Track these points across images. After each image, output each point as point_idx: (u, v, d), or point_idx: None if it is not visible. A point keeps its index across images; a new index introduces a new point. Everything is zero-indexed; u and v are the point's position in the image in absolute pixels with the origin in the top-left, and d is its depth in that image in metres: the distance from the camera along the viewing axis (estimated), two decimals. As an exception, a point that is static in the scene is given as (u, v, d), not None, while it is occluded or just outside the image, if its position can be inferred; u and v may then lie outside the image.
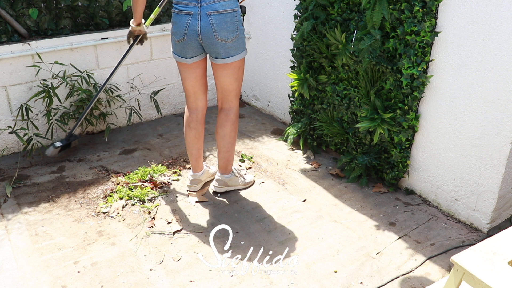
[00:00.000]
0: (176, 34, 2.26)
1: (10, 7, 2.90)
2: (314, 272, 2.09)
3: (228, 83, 2.39)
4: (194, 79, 2.40)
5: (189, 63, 2.34)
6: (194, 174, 2.65)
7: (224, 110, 2.48)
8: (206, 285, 2.01)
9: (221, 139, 2.52)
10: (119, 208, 2.50)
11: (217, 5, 2.16)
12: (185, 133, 2.54)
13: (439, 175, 2.51)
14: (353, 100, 2.77)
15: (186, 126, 2.52)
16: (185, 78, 2.42)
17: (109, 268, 2.10)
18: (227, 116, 2.47)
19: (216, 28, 2.18)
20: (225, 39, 2.22)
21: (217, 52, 2.26)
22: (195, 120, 2.50)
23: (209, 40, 2.21)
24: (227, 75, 2.36)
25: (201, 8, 2.16)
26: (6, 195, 2.62)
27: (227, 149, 2.54)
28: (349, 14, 2.65)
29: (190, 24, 2.19)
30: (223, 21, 2.18)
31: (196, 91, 2.44)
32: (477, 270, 1.42)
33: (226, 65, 2.32)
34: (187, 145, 2.57)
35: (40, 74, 3.01)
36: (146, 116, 3.64)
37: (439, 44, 2.29)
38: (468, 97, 2.25)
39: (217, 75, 2.39)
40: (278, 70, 3.54)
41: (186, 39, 2.24)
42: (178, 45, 2.29)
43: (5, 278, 2.02)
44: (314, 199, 2.64)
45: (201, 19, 2.17)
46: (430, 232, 2.37)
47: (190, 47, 2.27)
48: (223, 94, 2.44)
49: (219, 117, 2.50)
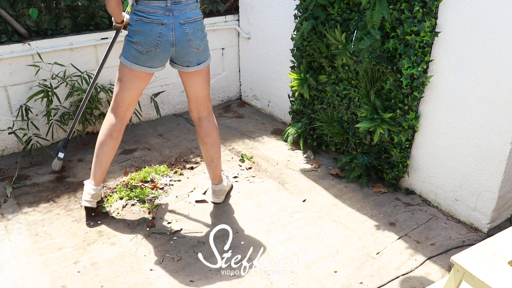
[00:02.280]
0: (144, 44, 2.10)
1: (10, 7, 2.90)
2: (314, 272, 2.09)
3: (202, 89, 2.33)
4: (138, 91, 2.28)
5: (151, 72, 2.21)
6: (96, 188, 2.40)
7: (204, 118, 2.39)
8: (206, 285, 2.01)
9: (211, 147, 2.42)
10: (119, 208, 2.50)
11: (189, 13, 2.10)
12: (102, 142, 2.32)
13: (439, 175, 2.51)
14: (353, 100, 2.77)
15: (107, 135, 2.30)
16: (128, 89, 2.24)
17: (109, 268, 2.10)
18: (210, 122, 2.40)
19: (190, 37, 2.12)
20: (198, 47, 2.17)
21: (189, 61, 2.20)
22: (119, 129, 2.31)
23: (184, 50, 2.14)
24: (199, 83, 2.29)
25: (173, 17, 2.07)
26: (6, 195, 2.62)
27: (218, 155, 2.47)
28: (349, 14, 2.65)
29: (164, 34, 2.08)
30: (196, 29, 2.13)
31: (132, 102, 2.29)
32: (477, 270, 1.42)
33: (197, 73, 2.26)
34: (100, 155, 2.34)
35: (40, 74, 3.01)
36: (146, 116, 3.64)
37: (439, 44, 2.29)
38: (468, 97, 2.25)
39: (189, 84, 2.30)
40: (278, 70, 3.54)
41: (158, 50, 2.11)
42: (143, 55, 2.13)
43: (5, 278, 2.02)
44: (314, 199, 2.64)
45: (175, 29, 2.09)
46: (430, 232, 2.37)
47: (161, 58, 2.16)
48: (198, 103, 2.35)
49: (202, 126, 2.39)
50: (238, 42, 3.93)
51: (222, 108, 3.96)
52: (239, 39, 3.91)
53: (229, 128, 3.56)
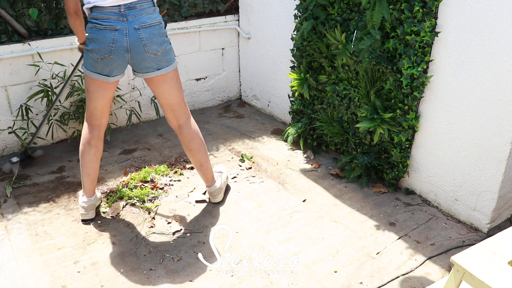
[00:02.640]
0: (99, 51, 2.06)
1: (10, 7, 2.90)
2: (314, 272, 2.09)
3: (173, 96, 2.26)
4: (107, 99, 2.23)
5: (111, 81, 2.16)
6: (89, 200, 2.38)
7: (184, 125, 2.34)
8: (206, 285, 2.01)
9: (197, 152, 2.39)
10: (119, 208, 2.50)
11: (144, 18, 2.05)
12: (82, 152, 2.30)
13: (439, 175, 2.51)
14: (353, 100, 2.77)
15: (86, 144, 2.29)
16: (96, 98, 2.21)
17: (109, 268, 2.10)
18: (190, 128, 2.35)
19: (146, 43, 2.06)
20: (155, 52, 2.10)
21: (147, 67, 2.13)
22: (97, 137, 2.29)
23: (140, 56, 2.09)
24: (168, 89, 2.23)
25: (127, 22, 2.02)
26: (6, 195, 2.62)
27: (206, 159, 2.44)
28: (349, 14, 2.65)
29: (117, 40, 2.03)
30: (152, 34, 2.07)
31: (104, 110, 2.26)
32: (477, 270, 1.42)
33: (162, 79, 2.19)
34: (85, 165, 2.32)
35: (40, 74, 3.01)
36: (146, 116, 3.64)
37: (439, 44, 2.29)
38: (468, 97, 2.25)
39: (158, 91, 2.25)
40: (278, 70, 3.54)
41: (113, 57, 2.06)
42: (100, 63, 2.09)
43: (5, 278, 2.02)
44: (314, 199, 2.64)
45: (130, 34, 2.03)
46: (430, 232, 2.37)
47: (117, 64, 2.10)
48: (174, 110, 2.30)
49: (183, 134, 2.35)
50: (238, 42, 3.93)
51: (222, 108, 3.96)
52: (239, 39, 3.91)
53: (229, 128, 3.56)
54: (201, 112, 3.87)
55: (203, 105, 3.96)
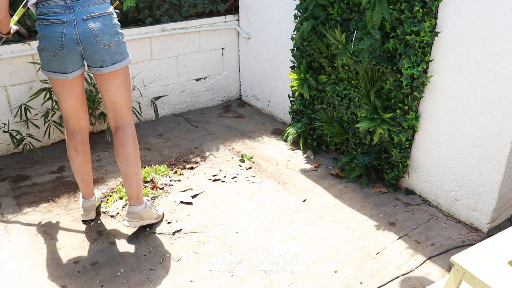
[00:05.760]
0: (50, 48, 1.98)
1: (10, 7, 2.89)
2: (314, 272, 2.09)
3: (119, 95, 2.16)
4: (75, 98, 2.15)
5: (70, 78, 2.06)
6: (88, 201, 2.38)
7: (120, 128, 2.20)
8: (206, 285, 2.01)
9: (124, 161, 2.20)
10: (119, 208, 2.50)
11: (92, 8, 1.98)
12: (71, 159, 2.25)
13: (439, 175, 2.51)
14: (353, 100, 2.77)
15: (72, 150, 2.23)
16: (64, 99, 2.14)
17: (109, 268, 2.10)
18: (126, 133, 2.20)
19: (97, 33, 1.98)
20: (108, 43, 2.02)
21: (102, 60, 2.04)
22: (81, 142, 2.23)
23: (92, 47, 2.00)
24: (116, 86, 2.13)
25: (74, 14, 1.95)
26: (5, 195, 2.62)
27: (134, 172, 2.22)
28: (349, 14, 2.65)
29: (66, 33, 1.95)
30: (102, 24, 2.00)
31: (78, 111, 2.19)
32: (477, 270, 1.42)
33: (113, 75, 2.10)
34: (76, 170, 2.28)
35: (40, 74, 3.01)
36: (146, 116, 3.64)
37: (439, 44, 2.29)
38: (468, 97, 2.25)
39: (105, 88, 2.14)
40: (278, 70, 3.54)
41: (64, 51, 1.98)
42: (54, 60, 2.01)
43: (5, 278, 2.02)
44: (314, 199, 2.64)
45: (78, 26, 1.96)
46: (430, 232, 2.37)
47: (70, 59, 2.01)
48: (115, 110, 2.19)
49: (117, 137, 2.21)
50: (238, 42, 3.93)
51: (222, 108, 3.96)
52: (239, 39, 3.91)
53: (229, 128, 3.56)
54: (201, 112, 3.87)
55: (203, 105, 3.96)
